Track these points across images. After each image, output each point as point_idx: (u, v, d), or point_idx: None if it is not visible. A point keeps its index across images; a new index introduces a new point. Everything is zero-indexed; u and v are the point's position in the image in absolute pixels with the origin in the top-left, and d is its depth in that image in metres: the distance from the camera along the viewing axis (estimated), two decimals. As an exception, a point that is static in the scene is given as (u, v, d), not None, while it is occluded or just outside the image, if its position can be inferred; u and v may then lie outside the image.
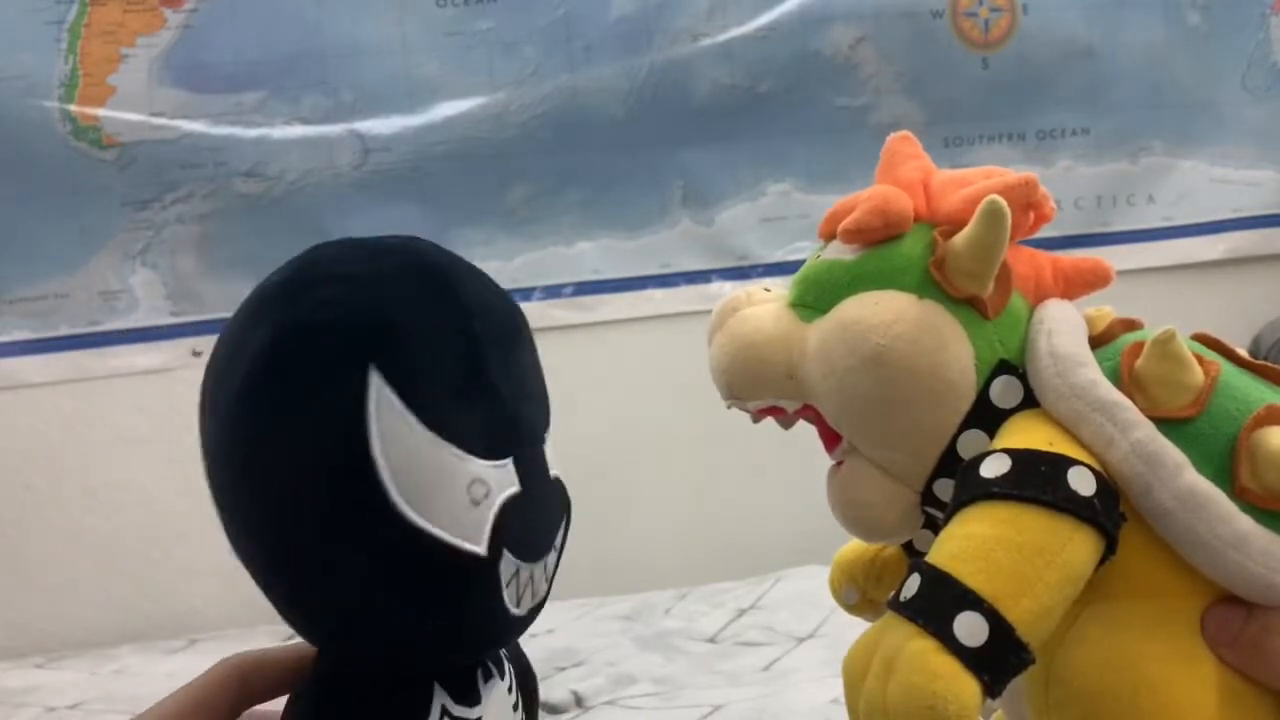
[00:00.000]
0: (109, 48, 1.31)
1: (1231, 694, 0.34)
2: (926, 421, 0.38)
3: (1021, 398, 0.38)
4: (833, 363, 0.39)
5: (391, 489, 0.31)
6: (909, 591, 0.33)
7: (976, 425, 0.38)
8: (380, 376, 0.31)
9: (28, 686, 1.09)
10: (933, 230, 0.40)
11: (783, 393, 0.41)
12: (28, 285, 1.33)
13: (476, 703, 0.37)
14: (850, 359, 0.38)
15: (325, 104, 1.35)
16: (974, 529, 0.33)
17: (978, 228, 0.37)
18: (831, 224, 0.42)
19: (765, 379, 0.41)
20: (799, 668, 0.92)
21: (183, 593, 1.36)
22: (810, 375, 0.40)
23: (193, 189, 1.34)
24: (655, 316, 1.41)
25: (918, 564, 0.33)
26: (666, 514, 1.41)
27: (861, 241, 0.40)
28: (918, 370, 0.37)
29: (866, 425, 0.39)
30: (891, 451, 0.39)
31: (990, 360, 0.38)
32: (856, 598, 0.48)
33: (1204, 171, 1.47)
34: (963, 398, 0.38)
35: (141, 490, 1.36)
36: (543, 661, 0.98)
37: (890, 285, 0.39)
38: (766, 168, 1.42)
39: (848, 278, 0.40)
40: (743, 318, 0.42)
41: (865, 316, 0.38)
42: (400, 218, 1.36)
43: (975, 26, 1.41)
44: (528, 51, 1.37)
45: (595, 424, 1.37)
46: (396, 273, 0.34)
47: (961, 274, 0.38)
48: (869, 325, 0.38)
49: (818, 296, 0.41)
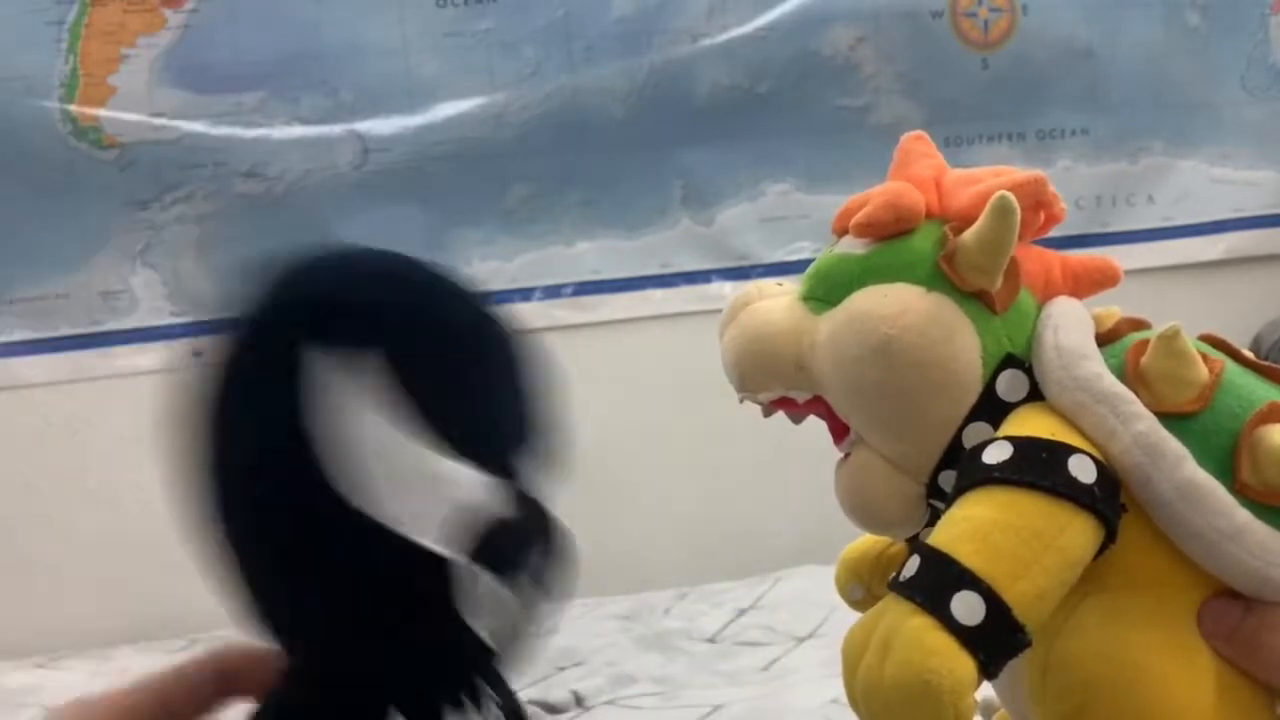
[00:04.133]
0: (109, 48, 1.31)
1: (1227, 686, 0.34)
2: (932, 413, 0.38)
3: (1027, 391, 0.38)
4: (841, 353, 0.39)
5: (346, 477, 0.31)
6: (908, 572, 0.33)
7: (982, 418, 0.38)
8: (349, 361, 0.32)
9: (28, 686, 1.09)
10: (943, 226, 0.40)
11: (793, 384, 0.42)
12: (28, 285, 1.33)
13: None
14: (859, 349, 0.38)
15: (325, 104, 1.35)
16: (973, 512, 0.34)
17: (987, 223, 0.37)
18: (844, 220, 0.43)
19: (776, 370, 0.42)
20: (799, 668, 0.92)
21: (183, 593, 1.35)
22: (820, 366, 0.40)
23: (193, 189, 1.34)
24: (655, 316, 1.41)
25: (918, 546, 0.34)
26: (666, 514, 1.41)
27: (873, 235, 0.41)
28: (925, 361, 0.38)
29: (873, 416, 0.39)
30: (897, 443, 0.39)
31: (997, 354, 0.38)
32: (861, 594, 0.48)
33: (1204, 171, 1.47)
34: (969, 390, 0.38)
35: (141, 490, 1.35)
36: (543, 661, 0.98)
37: (900, 278, 0.39)
38: (766, 168, 1.42)
39: (858, 270, 0.40)
40: (753, 311, 0.43)
41: (874, 308, 0.39)
42: (400, 218, 1.36)
43: (975, 26, 1.41)
44: (528, 51, 1.37)
45: (595, 424, 1.37)
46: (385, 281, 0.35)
47: (971, 268, 0.38)
48: (878, 316, 0.38)
49: (828, 289, 0.41)
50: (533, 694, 0.87)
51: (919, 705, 0.30)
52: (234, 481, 0.33)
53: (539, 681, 0.92)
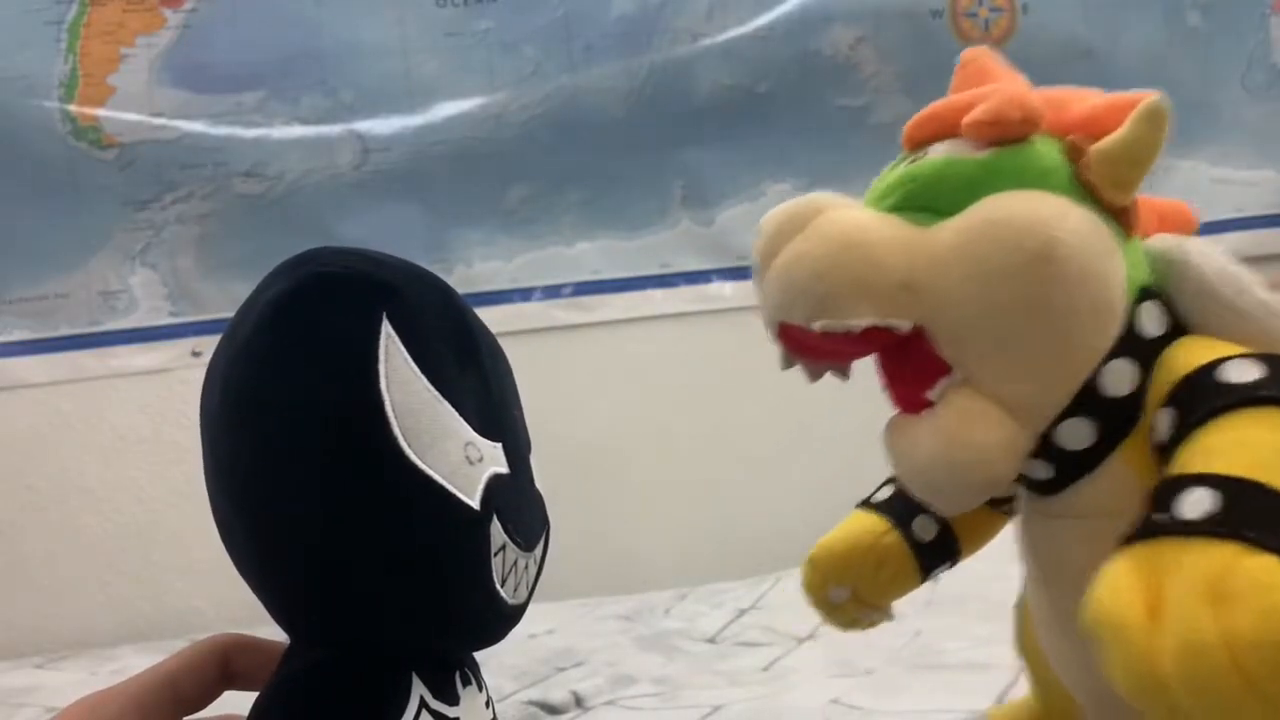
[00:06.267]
0: (109, 48, 1.31)
1: None
2: (1079, 340, 0.33)
3: (1168, 326, 0.34)
4: (981, 264, 0.33)
5: (395, 427, 0.32)
6: (1199, 509, 0.28)
7: (1124, 354, 0.33)
8: (389, 325, 0.32)
9: (28, 686, 1.09)
10: (1057, 140, 0.36)
11: (891, 308, 0.35)
12: (28, 285, 1.33)
13: (455, 702, 0.36)
14: (1012, 256, 0.33)
15: (325, 104, 1.35)
16: (1253, 435, 0.29)
17: (1136, 130, 0.34)
18: (929, 127, 0.38)
19: (874, 287, 0.35)
20: (799, 668, 0.92)
21: (183, 593, 1.36)
22: (938, 284, 0.34)
23: (193, 189, 1.34)
24: (655, 316, 1.41)
25: (1197, 478, 0.28)
26: (666, 514, 1.41)
27: (995, 135, 0.35)
28: (1086, 274, 0.33)
29: (1006, 342, 0.34)
30: (1024, 379, 0.34)
31: (1135, 282, 0.34)
32: (847, 595, 0.45)
33: (1204, 171, 1.47)
34: (1116, 318, 0.34)
35: (141, 490, 1.36)
36: (543, 661, 0.98)
37: (1036, 186, 0.34)
38: (766, 168, 1.42)
39: (981, 174, 0.35)
40: (836, 218, 0.36)
41: (1029, 210, 0.33)
42: (400, 218, 1.36)
43: (975, 26, 1.41)
44: (528, 51, 1.37)
45: (595, 424, 1.37)
46: (393, 259, 0.36)
47: (1112, 180, 0.34)
48: (1036, 218, 0.33)
49: (935, 197, 0.36)
50: (533, 694, 0.87)
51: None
52: (302, 436, 0.32)
53: (539, 682, 0.92)
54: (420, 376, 0.33)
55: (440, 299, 0.36)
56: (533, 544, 0.36)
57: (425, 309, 0.34)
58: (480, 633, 0.37)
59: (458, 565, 0.34)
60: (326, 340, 0.32)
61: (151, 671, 0.37)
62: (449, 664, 0.37)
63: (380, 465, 0.32)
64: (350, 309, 0.33)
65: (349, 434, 0.32)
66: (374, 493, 0.32)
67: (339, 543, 0.32)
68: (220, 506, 0.34)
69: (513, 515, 0.35)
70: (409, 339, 0.33)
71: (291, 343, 0.33)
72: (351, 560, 0.32)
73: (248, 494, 0.33)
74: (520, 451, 0.37)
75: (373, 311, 0.33)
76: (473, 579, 0.34)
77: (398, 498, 0.32)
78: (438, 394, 0.33)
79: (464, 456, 0.33)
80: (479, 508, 0.33)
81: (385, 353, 0.32)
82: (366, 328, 0.32)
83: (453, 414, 0.33)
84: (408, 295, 0.34)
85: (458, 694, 0.37)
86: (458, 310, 0.37)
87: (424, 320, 0.34)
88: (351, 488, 0.32)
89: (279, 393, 0.32)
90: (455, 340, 0.35)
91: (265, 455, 0.32)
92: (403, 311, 0.33)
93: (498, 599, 0.35)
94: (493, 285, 1.39)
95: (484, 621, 0.36)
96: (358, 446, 0.32)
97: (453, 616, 0.35)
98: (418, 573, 0.33)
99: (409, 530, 0.32)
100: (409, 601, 0.33)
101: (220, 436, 0.34)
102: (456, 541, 0.33)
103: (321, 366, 0.32)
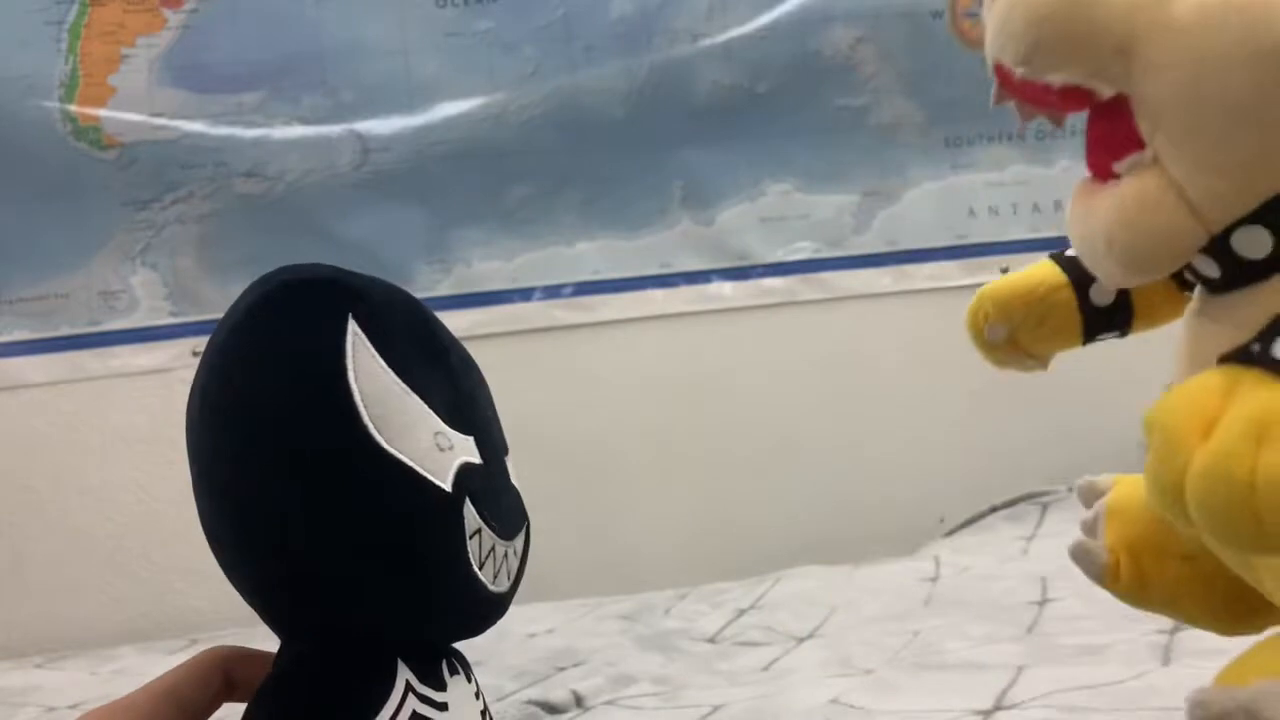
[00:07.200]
0: (109, 48, 1.31)
1: None
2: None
3: None
4: (1216, 45, 0.31)
5: (365, 415, 0.34)
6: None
7: None
8: (355, 323, 0.35)
9: (28, 686, 1.09)
10: None
11: (1100, 71, 0.33)
12: (28, 285, 1.33)
13: (442, 688, 0.37)
14: (1247, 45, 0.31)
15: (325, 104, 1.35)
16: None
17: None
18: None
19: (1089, 46, 0.33)
20: (799, 668, 0.92)
21: (183, 593, 1.36)
22: (1159, 56, 0.32)
23: (193, 189, 1.34)
24: (655, 316, 1.41)
25: None
26: (666, 514, 1.41)
27: None
28: None
29: (1211, 134, 0.32)
30: (1218, 176, 0.32)
31: None
32: (1003, 334, 0.42)
33: None
34: None
35: (141, 490, 1.36)
36: (543, 661, 0.98)
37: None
38: (766, 168, 1.42)
39: None
40: None
41: (1276, 3, 0.31)
42: (400, 218, 1.36)
43: (975, 26, 1.41)
44: (528, 51, 1.37)
45: (595, 424, 1.37)
46: (361, 273, 0.38)
47: None
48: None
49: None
50: (533, 694, 0.87)
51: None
52: (276, 430, 0.34)
53: (539, 681, 0.92)
54: (388, 370, 0.35)
55: (406, 303, 0.38)
56: (511, 533, 0.38)
57: (390, 310, 0.37)
58: (463, 618, 0.38)
59: (432, 545, 0.35)
60: (296, 339, 0.34)
61: (154, 683, 0.37)
62: (436, 653, 0.38)
63: (350, 451, 0.33)
64: (318, 310, 0.35)
65: (319, 424, 0.33)
66: (346, 478, 0.33)
67: (316, 529, 0.34)
68: (204, 510, 0.36)
69: (488, 502, 0.36)
70: (375, 337, 0.35)
71: (262, 343, 0.35)
72: (329, 546, 0.34)
73: (226, 491, 0.35)
74: (495, 450, 0.39)
75: (339, 311, 0.35)
76: (449, 561, 0.35)
77: (369, 481, 0.34)
78: (405, 387, 0.35)
79: (434, 444, 0.35)
80: (450, 490, 0.35)
81: (352, 348, 0.34)
82: (334, 326, 0.34)
83: (421, 405, 0.35)
84: (373, 297, 0.36)
85: (444, 680, 0.38)
86: (423, 315, 0.39)
87: (389, 320, 0.36)
88: (325, 475, 0.33)
89: (251, 390, 0.34)
90: (421, 342, 0.37)
91: (240, 451, 0.34)
92: (368, 311, 0.35)
93: (476, 583, 0.36)
94: (493, 285, 1.39)
95: (464, 606, 0.37)
96: (329, 435, 0.33)
97: (434, 599, 0.36)
98: (394, 555, 0.34)
99: (383, 513, 0.34)
100: (387, 584, 0.34)
101: (200, 440, 0.35)
102: (429, 522, 0.35)
103: (291, 364, 0.34)
